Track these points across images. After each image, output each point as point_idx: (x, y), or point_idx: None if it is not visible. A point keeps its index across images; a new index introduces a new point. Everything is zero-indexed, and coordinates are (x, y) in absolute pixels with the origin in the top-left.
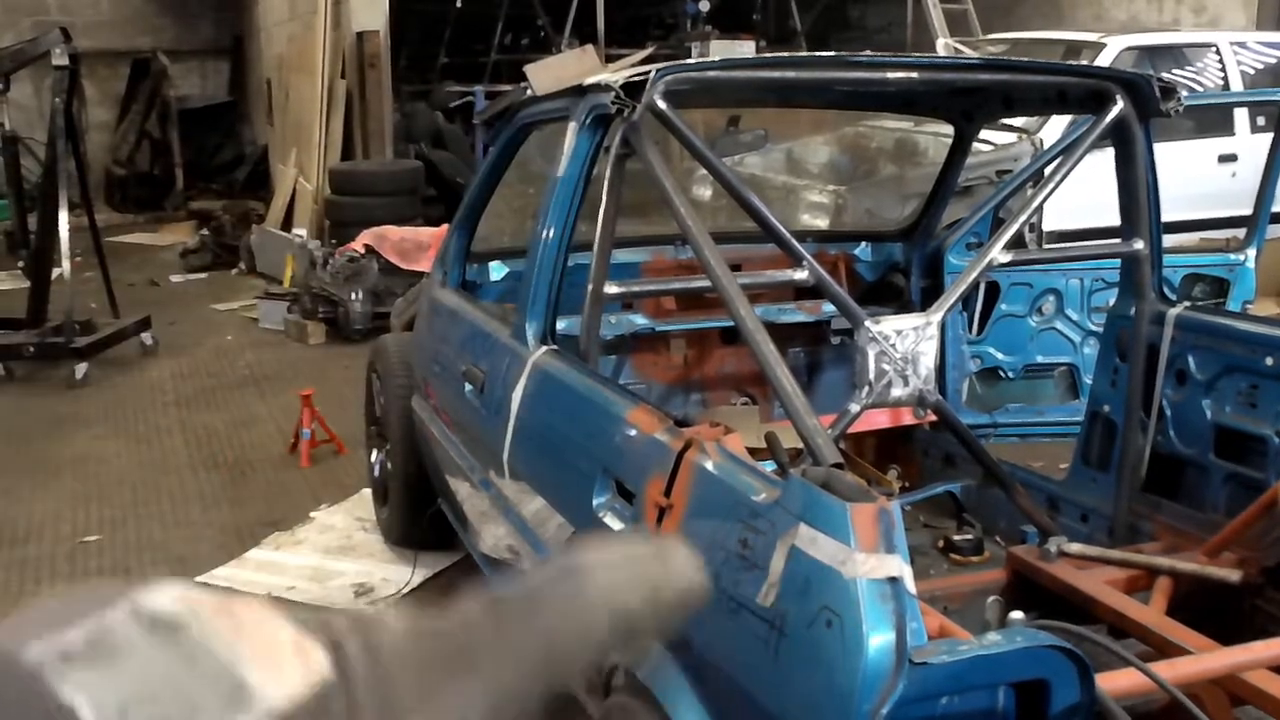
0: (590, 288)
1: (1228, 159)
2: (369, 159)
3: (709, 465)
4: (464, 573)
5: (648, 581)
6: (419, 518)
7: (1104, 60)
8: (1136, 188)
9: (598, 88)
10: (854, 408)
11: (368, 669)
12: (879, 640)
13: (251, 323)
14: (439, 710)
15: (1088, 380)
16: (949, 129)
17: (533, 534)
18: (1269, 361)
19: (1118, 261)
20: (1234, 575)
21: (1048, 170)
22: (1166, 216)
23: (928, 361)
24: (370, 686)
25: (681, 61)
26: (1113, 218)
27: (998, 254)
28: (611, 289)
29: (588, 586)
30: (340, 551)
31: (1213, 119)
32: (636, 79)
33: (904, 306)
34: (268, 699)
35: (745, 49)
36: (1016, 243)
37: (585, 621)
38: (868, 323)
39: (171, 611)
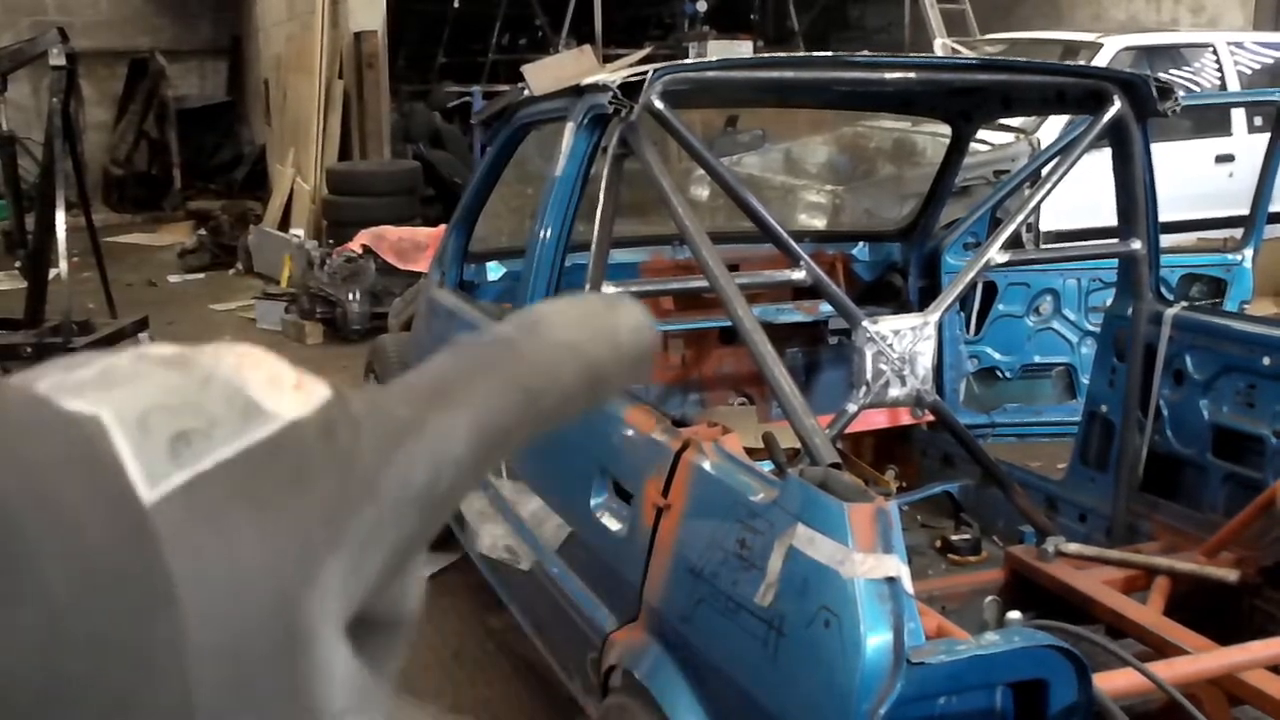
0: (588, 287)
1: (1225, 159)
2: (367, 159)
3: (707, 465)
4: (462, 572)
5: (603, 328)
6: None
7: (1101, 60)
8: (1134, 188)
9: (595, 88)
10: (852, 408)
11: (362, 396)
12: (877, 640)
13: (249, 323)
14: (430, 431)
15: (1085, 380)
16: (947, 129)
17: (530, 534)
18: (1266, 361)
19: (1115, 261)
20: (1232, 575)
21: (1045, 170)
22: (1164, 216)
23: (925, 361)
24: (366, 407)
25: (679, 62)
26: (1110, 218)
27: (995, 254)
28: (609, 289)
29: (549, 333)
30: None
31: (1210, 119)
32: (634, 79)
33: (902, 306)
34: (280, 413)
35: (743, 49)
36: (1014, 243)
37: (552, 363)
38: (865, 323)
39: (178, 352)
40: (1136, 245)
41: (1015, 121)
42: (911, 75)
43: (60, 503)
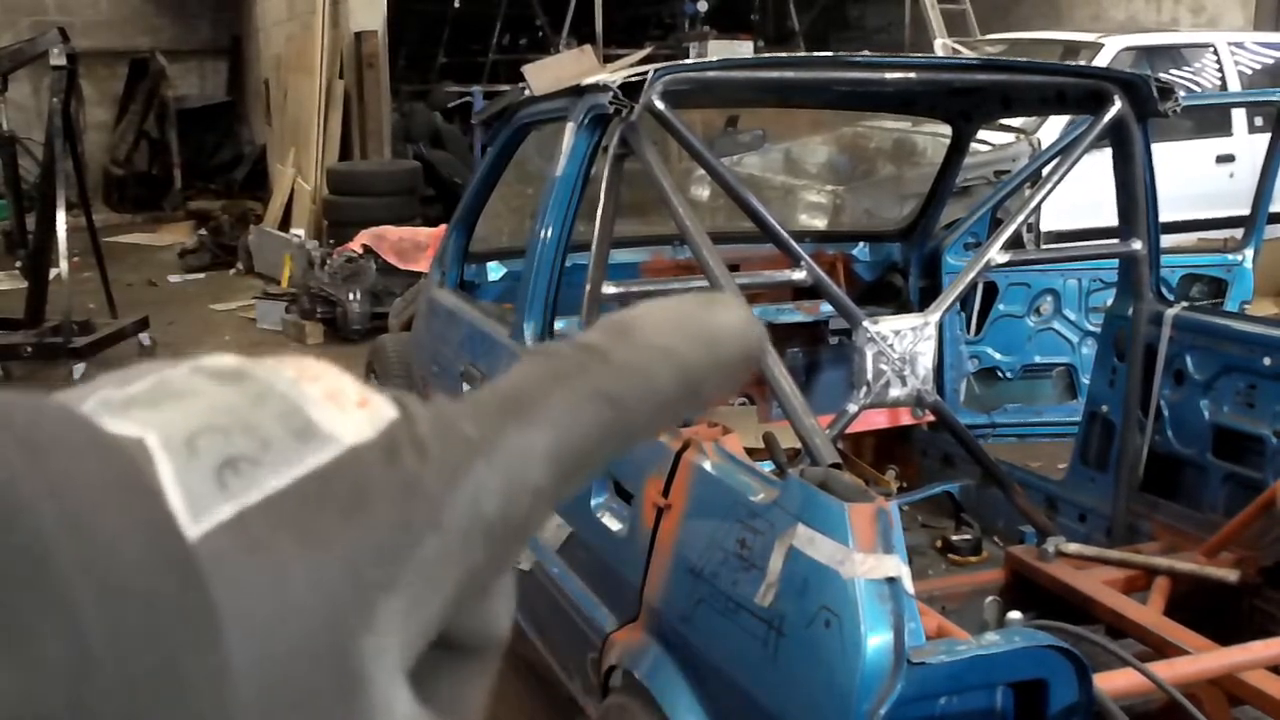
0: (588, 288)
1: (1225, 159)
2: (367, 159)
3: (707, 465)
4: None
5: (703, 332)
6: None
7: (1102, 60)
8: (1134, 188)
9: (596, 88)
10: (852, 408)
11: (431, 414)
12: (877, 640)
13: (250, 323)
14: (503, 452)
15: (1086, 380)
16: (947, 129)
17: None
18: (1267, 361)
19: (1115, 262)
20: (1232, 575)
21: (1046, 170)
22: (1164, 217)
23: (926, 362)
24: (434, 427)
25: (680, 62)
26: (1111, 218)
27: (996, 254)
28: (610, 289)
29: (641, 338)
30: None
31: (1211, 119)
32: (634, 79)
33: (902, 307)
34: (339, 437)
35: (743, 49)
36: (1014, 243)
37: (646, 374)
38: (866, 323)
39: (235, 365)
40: (1137, 245)
41: (1016, 122)
42: (912, 75)
43: (97, 532)
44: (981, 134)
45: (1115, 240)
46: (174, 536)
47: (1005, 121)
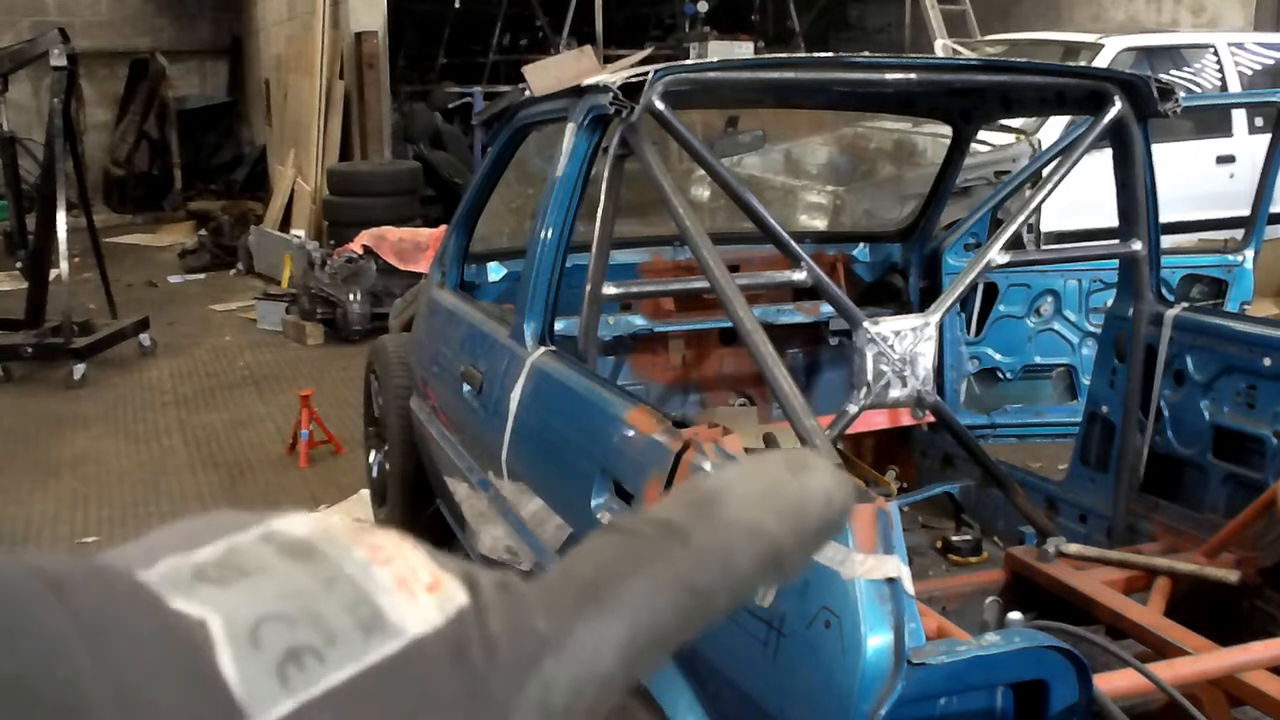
0: (588, 288)
1: (1226, 160)
2: (367, 159)
3: (707, 466)
4: None
5: (788, 503)
6: (417, 518)
7: (1102, 61)
8: (1135, 188)
9: (596, 88)
10: (852, 408)
11: (502, 603)
12: (877, 641)
13: (250, 323)
14: (574, 646)
15: (1086, 381)
16: (947, 130)
17: (531, 535)
18: (1267, 362)
19: (1116, 262)
20: (1232, 576)
21: (1046, 171)
22: (1165, 217)
23: (926, 362)
24: (505, 620)
25: (680, 62)
26: (1111, 218)
27: (996, 255)
28: (610, 290)
29: (724, 514)
30: None
31: (1211, 120)
32: (635, 80)
33: (902, 307)
34: (406, 628)
35: (743, 49)
36: (1015, 244)
37: (726, 553)
38: (866, 324)
39: (307, 537)
40: (1137, 246)
41: (1016, 122)
42: (912, 76)
43: None
44: (981, 134)
45: (1115, 241)
46: None
47: (1005, 122)
